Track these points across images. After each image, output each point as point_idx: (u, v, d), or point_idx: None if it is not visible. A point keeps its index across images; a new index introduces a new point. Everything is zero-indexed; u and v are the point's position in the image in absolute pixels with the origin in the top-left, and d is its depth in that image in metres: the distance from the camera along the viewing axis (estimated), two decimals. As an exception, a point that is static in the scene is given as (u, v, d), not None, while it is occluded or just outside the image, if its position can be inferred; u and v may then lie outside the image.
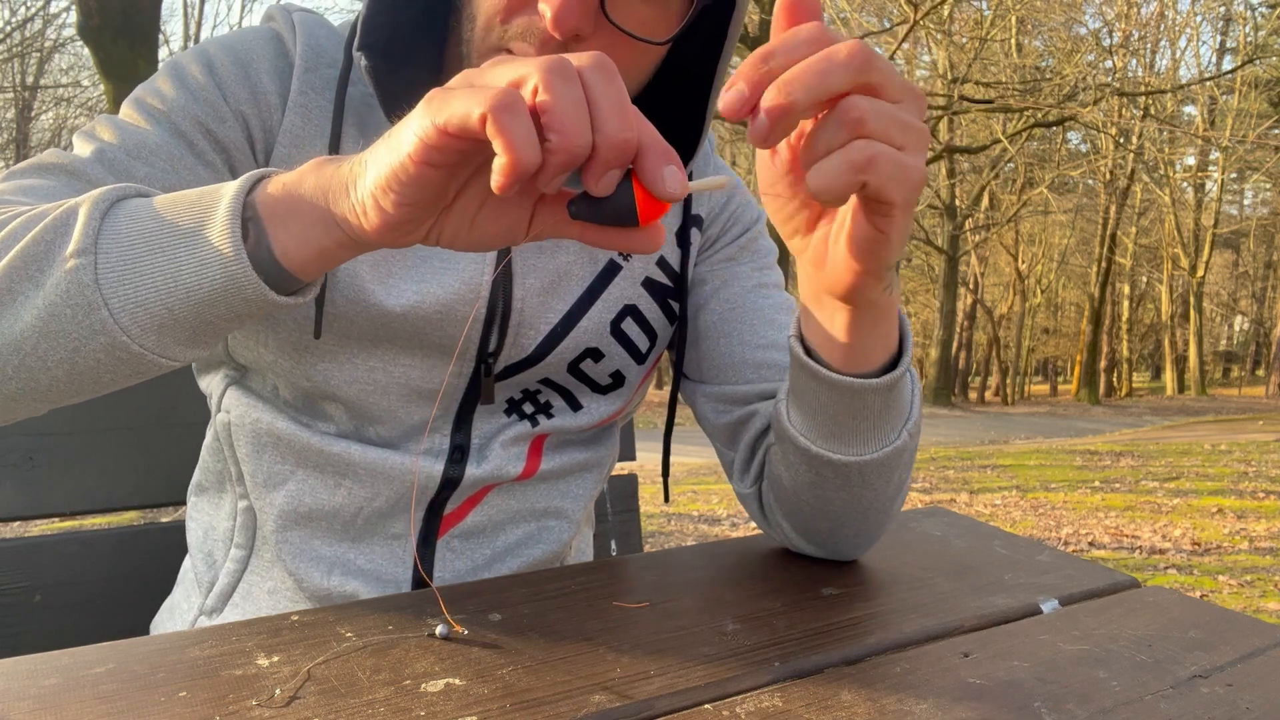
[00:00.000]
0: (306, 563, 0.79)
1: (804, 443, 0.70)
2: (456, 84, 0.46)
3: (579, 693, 0.53)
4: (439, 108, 0.44)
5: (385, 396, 0.77)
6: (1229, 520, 5.34)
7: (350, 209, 0.49)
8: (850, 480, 0.71)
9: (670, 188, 0.45)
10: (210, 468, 0.85)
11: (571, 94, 0.43)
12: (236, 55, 0.73)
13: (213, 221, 0.50)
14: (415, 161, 0.45)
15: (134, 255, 0.51)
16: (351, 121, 0.75)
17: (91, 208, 0.52)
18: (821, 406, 0.68)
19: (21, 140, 17.95)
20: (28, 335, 0.53)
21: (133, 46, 5.36)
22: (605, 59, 0.45)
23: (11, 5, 16.35)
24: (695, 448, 7.45)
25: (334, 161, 0.50)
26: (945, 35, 15.81)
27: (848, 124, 0.48)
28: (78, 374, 0.54)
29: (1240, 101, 22.61)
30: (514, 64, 0.44)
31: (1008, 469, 7.65)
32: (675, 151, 0.45)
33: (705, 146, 0.89)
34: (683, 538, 4.86)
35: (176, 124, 0.70)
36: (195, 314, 0.52)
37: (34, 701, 0.49)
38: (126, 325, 0.51)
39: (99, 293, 0.51)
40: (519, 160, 0.42)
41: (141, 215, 0.52)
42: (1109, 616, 0.68)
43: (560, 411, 0.84)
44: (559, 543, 0.87)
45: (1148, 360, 38.70)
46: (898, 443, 0.69)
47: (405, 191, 0.46)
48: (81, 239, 0.51)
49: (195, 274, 0.50)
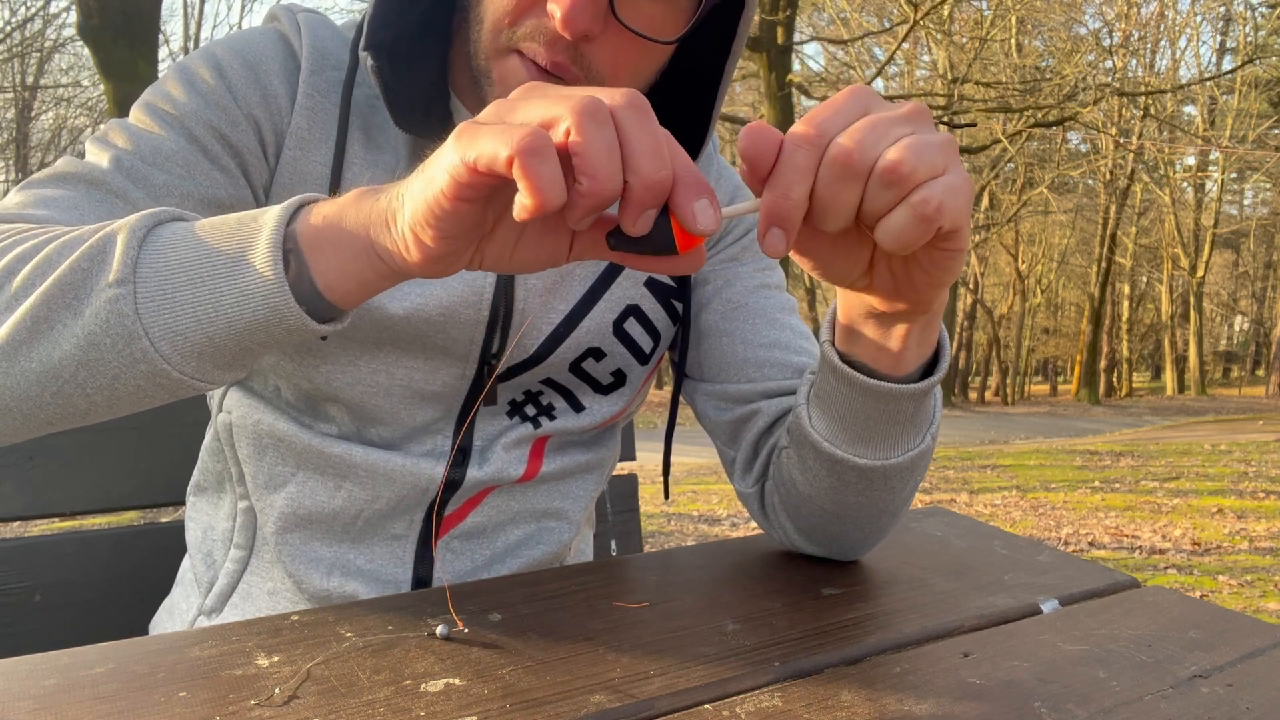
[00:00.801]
0: (306, 564, 0.79)
1: (828, 448, 0.69)
2: (488, 116, 0.45)
3: (579, 693, 0.53)
4: (469, 144, 0.43)
5: (387, 398, 0.77)
6: (1229, 520, 5.34)
7: (392, 243, 0.49)
8: (873, 484, 0.70)
9: (704, 224, 0.44)
10: (210, 468, 0.85)
11: (604, 137, 0.42)
12: (245, 58, 0.73)
13: (254, 252, 0.50)
14: (449, 198, 0.45)
15: (174, 285, 0.51)
16: (356, 124, 0.75)
17: (129, 235, 0.52)
18: (853, 412, 0.67)
19: (21, 140, 17.94)
20: (67, 363, 0.52)
21: (133, 46, 5.36)
22: (639, 97, 0.44)
23: (11, 5, 16.35)
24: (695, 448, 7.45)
25: (373, 194, 0.50)
26: (945, 35, 15.80)
27: (897, 182, 0.47)
28: (117, 398, 0.54)
29: (1240, 101, 22.61)
30: (547, 100, 0.44)
31: (1008, 469, 7.65)
32: (708, 184, 0.45)
33: (709, 148, 0.89)
34: (683, 538, 4.86)
35: (190, 128, 0.70)
36: (236, 342, 0.52)
37: (34, 701, 0.49)
38: (167, 354, 0.51)
39: (139, 322, 0.51)
40: (543, 204, 0.42)
41: (180, 243, 0.52)
42: (1109, 616, 0.68)
43: (562, 413, 0.84)
44: (559, 543, 0.87)
45: (1148, 360, 38.71)
46: (922, 446, 0.69)
47: (443, 226, 0.46)
48: (121, 268, 0.51)
49: (237, 305, 0.50)
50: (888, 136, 0.47)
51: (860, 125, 0.47)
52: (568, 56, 0.66)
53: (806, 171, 0.47)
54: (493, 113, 0.46)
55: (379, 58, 0.70)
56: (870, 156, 0.47)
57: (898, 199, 0.48)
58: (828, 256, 0.56)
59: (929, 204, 0.47)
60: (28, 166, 18.08)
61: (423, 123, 0.73)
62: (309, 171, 0.74)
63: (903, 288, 0.58)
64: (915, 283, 0.57)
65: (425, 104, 0.74)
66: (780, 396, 0.83)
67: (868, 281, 0.59)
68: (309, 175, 0.74)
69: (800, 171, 0.47)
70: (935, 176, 0.48)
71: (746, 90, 19.18)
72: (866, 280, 0.59)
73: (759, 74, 13.16)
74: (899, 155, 0.47)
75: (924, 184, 0.48)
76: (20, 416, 0.55)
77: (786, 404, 0.82)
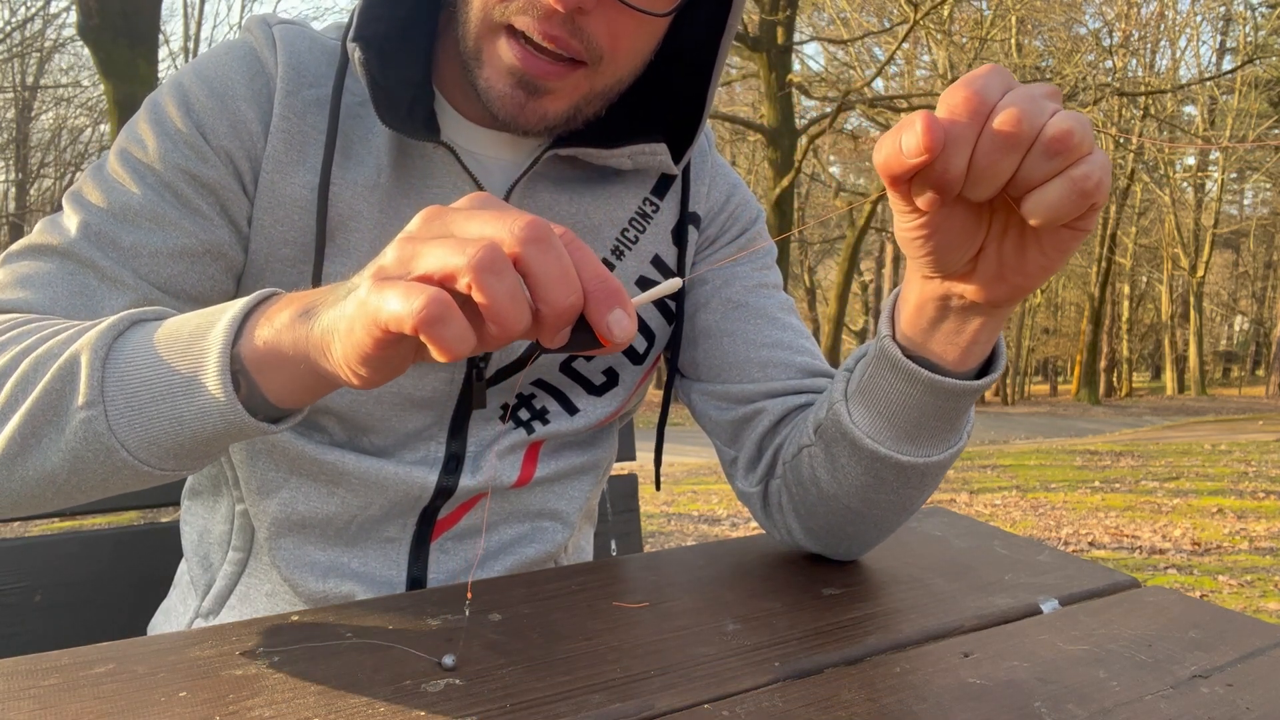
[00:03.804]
0: (300, 568, 0.79)
1: (870, 444, 0.69)
2: (390, 261, 0.45)
3: (579, 693, 0.53)
4: (378, 303, 0.44)
5: (378, 405, 0.77)
6: (1229, 520, 5.34)
7: (332, 370, 0.49)
8: (909, 481, 0.70)
9: (618, 335, 0.45)
10: (205, 471, 0.85)
11: (505, 286, 0.42)
12: (212, 86, 0.72)
13: (205, 374, 0.53)
14: (371, 348, 0.46)
15: (140, 401, 0.54)
16: (338, 144, 0.74)
17: (92, 355, 0.55)
18: (908, 409, 0.67)
19: (21, 140, 17.95)
20: (59, 471, 0.57)
21: (133, 46, 5.36)
22: (537, 227, 0.43)
23: (11, 5, 16.35)
24: (695, 448, 7.46)
25: (305, 319, 0.50)
26: (945, 35, 15.80)
27: (1063, 152, 0.47)
28: (110, 490, 0.60)
29: (1240, 101, 22.61)
30: (445, 249, 0.43)
31: (1008, 469, 7.65)
32: (619, 288, 0.45)
33: (703, 142, 0.88)
34: (683, 538, 4.86)
35: (160, 175, 0.71)
36: (205, 446, 0.56)
37: (34, 701, 0.49)
38: (146, 459, 0.56)
39: (114, 438, 0.55)
40: (453, 357, 0.43)
41: (139, 359, 0.55)
42: (1109, 616, 0.68)
43: (556, 416, 0.84)
44: (554, 543, 0.87)
45: (1148, 360, 38.70)
46: (960, 444, 0.70)
47: (373, 365, 0.47)
48: (89, 390, 0.54)
49: (198, 420, 0.54)
50: (1046, 109, 0.48)
51: (1020, 95, 0.48)
52: (564, 30, 0.66)
53: (968, 142, 0.48)
54: (395, 257, 0.45)
55: (367, 51, 0.70)
56: (1036, 125, 0.47)
57: (1057, 170, 0.48)
58: (953, 237, 0.56)
59: (1089, 179, 0.48)
60: (28, 166, 18.09)
61: (407, 119, 0.73)
62: (289, 194, 0.73)
63: (1009, 273, 0.57)
64: (1028, 266, 0.56)
65: (410, 100, 0.74)
66: (784, 396, 0.83)
67: (971, 268, 0.58)
68: (289, 198, 0.73)
69: (963, 142, 0.47)
70: (1091, 153, 0.48)
71: (746, 90, 19.17)
72: (970, 266, 0.58)
73: (759, 74, 13.16)
74: (1068, 125, 0.47)
75: (1084, 158, 0.48)
76: (32, 508, 0.61)
77: (791, 403, 0.82)
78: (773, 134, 12.83)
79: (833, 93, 15.02)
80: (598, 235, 0.81)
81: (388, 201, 0.74)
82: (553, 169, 0.79)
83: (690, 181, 0.85)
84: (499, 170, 0.79)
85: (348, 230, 0.74)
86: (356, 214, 0.74)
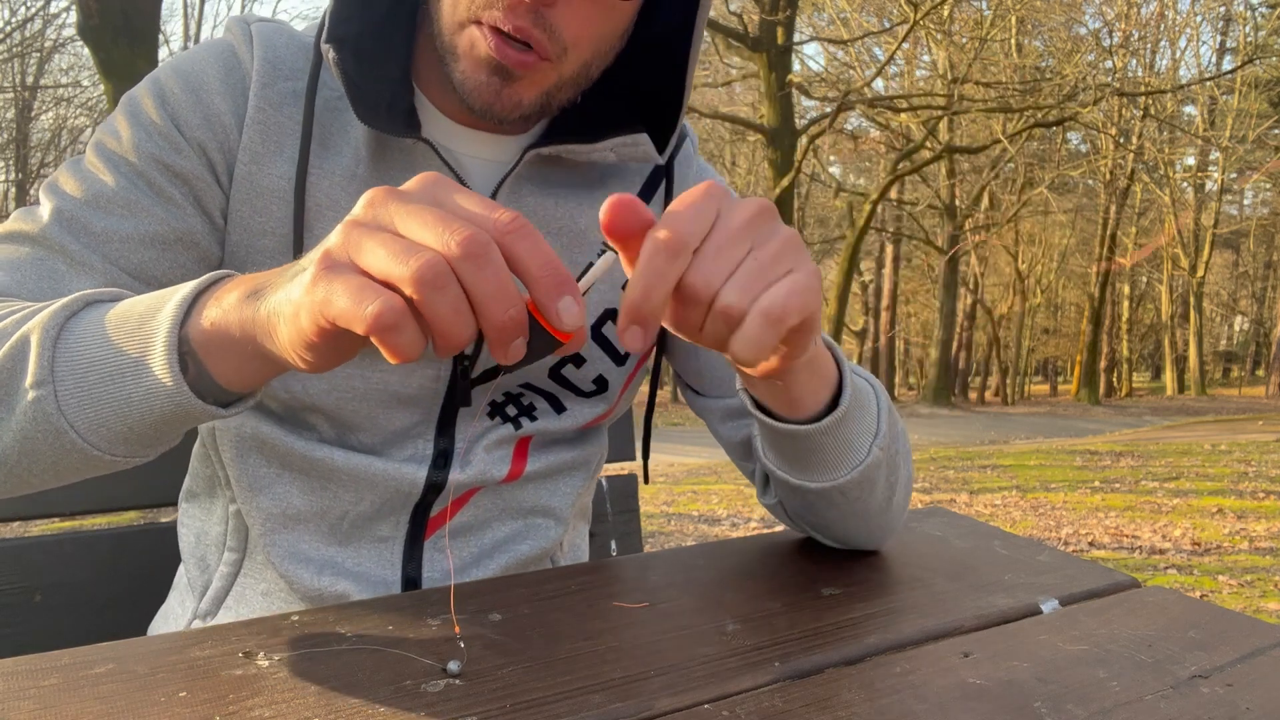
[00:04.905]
0: (296, 564, 0.79)
1: (781, 475, 0.73)
2: (335, 244, 0.45)
3: (579, 693, 0.53)
4: (326, 296, 0.43)
5: (364, 403, 0.77)
6: (1229, 520, 5.34)
7: (279, 352, 0.49)
8: (834, 501, 0.73)
9: (568, 321, 0.45)
10: (200, 473, 0.86)
11: (446, 301, 0.43)
12: (187, 80, 0.73)
13: (152, 355, 0.52)
14: (315, 337, 0.46)
15: (88, 383, 0.54)
16: (316, 135, 0.74)
17: (43, 334, 0.55)
18: (783, 447, 0.71)
19: (21, 140, 17.94)
20: (10, 452, 0.57)
21: (133, 46, 5.36)
22: (476, 242, 0.43)
23: (11, 5, 16.35)
24: (695, 448, 7.46)
25: (253, 300, 0.50)
26: (945, 35, 15.80)
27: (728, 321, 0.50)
28: (63, 475, 0.59)
29: (1240, 101, 22.60)
30: (388, 252, 0.43)
31: (1008, 469, 7.65)
32: (565, 274, 0.45)
33: (688, 147, 0.88)
34: (683, 538, 4.86)
35: (134, 164, 0.71)
36: (154, 429, 0.55)
37: (34, 701, 0.49)
38: (95, 442, 0.55)
39: (64, 419, 0.54)
40: (405, 360, 0.44)
41: (89, 339, 0.55)
42: (1109, 616, 0.68)
43: (544, 414, 0.84)
44: (548, 540, 0.87)
45: (1148, 360, 38.70)
46: (869, 459, 0.70)
47: (318, 351, 0.47)
48: (38, 370, 0.54)
49: (146, 401, 0.54)
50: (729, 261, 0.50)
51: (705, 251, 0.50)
52: (529, 21, 0.66)
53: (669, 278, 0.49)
54: (339, 243, 0.45)
55: (342, 51, 0.70)
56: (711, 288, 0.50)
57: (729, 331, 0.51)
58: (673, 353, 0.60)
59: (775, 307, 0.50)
60: (28, 166, 18.08)
61: (387, 117, 0.73)
62: (266, 185, 0.74)
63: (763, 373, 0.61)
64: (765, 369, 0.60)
65: (390, 98, 0.74)
66: None
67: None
68: (266, 189, 0.74)
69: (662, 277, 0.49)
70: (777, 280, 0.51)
71: (746, 90, 19.18)
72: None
73: (759, 74, 13.16)
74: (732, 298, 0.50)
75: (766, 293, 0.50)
76: None
77: None
78: (773, 134, 12.84)
79: (833, 93, 15.02)
80: (584, 239, 0.81)
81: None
82: (537, 171, 0.79)
83: (674, 184, 0.85)
84: (480, 170, 0.79)
85: (326, 220, 0.74)
86: (334, 204, 0.74)
